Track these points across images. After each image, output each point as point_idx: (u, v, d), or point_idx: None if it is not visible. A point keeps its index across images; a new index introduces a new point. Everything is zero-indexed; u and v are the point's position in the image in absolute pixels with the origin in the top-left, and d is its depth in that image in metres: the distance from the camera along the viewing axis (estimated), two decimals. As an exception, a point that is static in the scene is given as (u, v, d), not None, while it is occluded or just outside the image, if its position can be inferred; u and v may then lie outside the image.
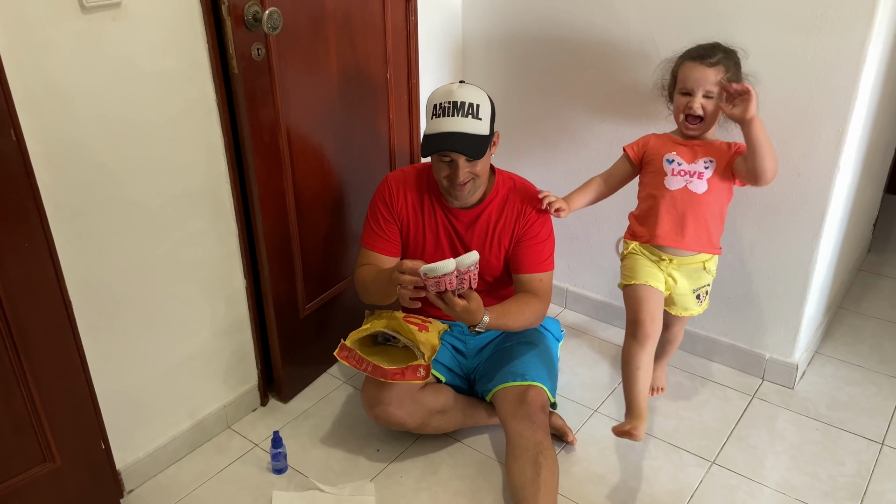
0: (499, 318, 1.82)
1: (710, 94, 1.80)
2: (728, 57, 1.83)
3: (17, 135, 1.40)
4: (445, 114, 1.79)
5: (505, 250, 1.98)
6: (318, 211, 2.16)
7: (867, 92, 1.96)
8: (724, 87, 1.76)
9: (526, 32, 2.42)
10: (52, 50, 1.45)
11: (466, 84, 1.85)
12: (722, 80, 1.79)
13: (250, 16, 1.73)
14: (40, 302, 1.54)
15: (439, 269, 1.64)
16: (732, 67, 1.83)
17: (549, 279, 1.98)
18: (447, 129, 1.78)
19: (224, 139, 1.84)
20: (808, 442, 2.06)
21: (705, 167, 1.88)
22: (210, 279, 1.94)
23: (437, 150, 1.80)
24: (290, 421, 2.17)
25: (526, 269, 1.95)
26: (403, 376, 1.81)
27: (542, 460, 1.77)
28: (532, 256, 1.95)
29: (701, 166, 1.88)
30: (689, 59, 1.84)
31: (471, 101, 1.79)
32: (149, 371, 1.87)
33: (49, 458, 1.67)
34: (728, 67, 1.81)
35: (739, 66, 1.86)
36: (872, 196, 2.80)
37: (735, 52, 1.86)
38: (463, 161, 1.80)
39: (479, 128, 1.80)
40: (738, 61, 1.85)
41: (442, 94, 1.82)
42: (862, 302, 2.73)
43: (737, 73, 1.84)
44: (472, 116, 1.79)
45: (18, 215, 1.45)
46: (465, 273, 1.67)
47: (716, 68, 1.79)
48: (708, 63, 1.79)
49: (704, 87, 1.80)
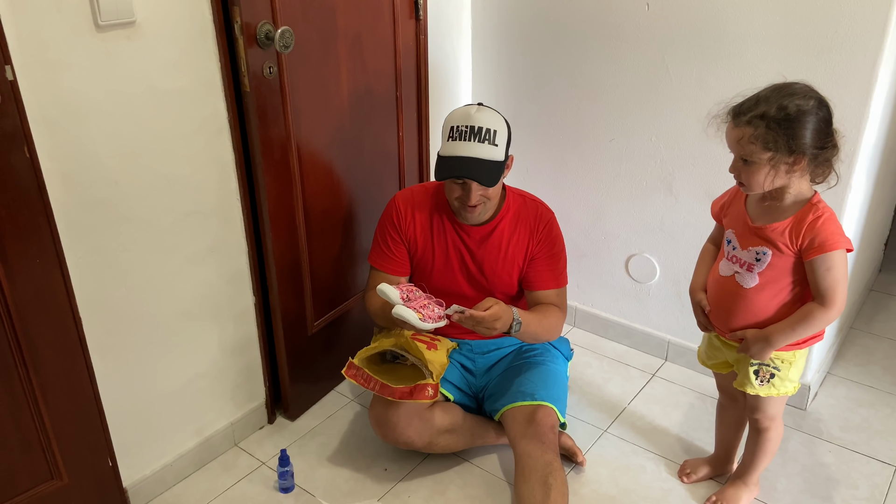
0: (525, 317, 1.83)
1: (747, 159, 1.44)
2: (763, 117, 1.39)
3: (30, 152, 1.41)
4: (462, 138, 1.79)
5: (519, 267, 1.97)
6: (328, 228, 2.16)
7: (878, 112, 1.95)
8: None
9: (535, 54, 2.43)
10: (66, 68, 1.46)
11: (484, 108, 1.84)
12: (747, 150, 1.41)
13: (263, 34, 1.74)
14: (50, 318, 1.54)
15: (403, 316, 1.70)
16: (770, 131, 1.39)
17: (564, 294, 2.00)
18: (463, 154, 1.78)
19: (235, 156, 1.85)
20: (821, 464, 2.03)
21: (757, 258, 1.54)
22: (219, 297, 1.94)
23: (451, 176, 1.80)
24: (298, 439, 2.16)
25: (542, 286, 1.96)
26: (412, 395, 1.81)
27: (552, 481, 1.76)
28: (547, 272, 1.96)
29: (752, 256, 1.55)
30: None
31: (488, 127, 1.79)
32: (157, 388, 1.87)
33: (56, 475, 1.67)
34: (758, 128, 1.39)
35: (794, 130, 1.38)
36: (884, 216, 2.79)
37: (791, 108, 1.38)
38: (476, 185, 1.80)
39: (494, 154, 1.80)
40: (787, 120, 1.38)
41: (459, 117, 1.82)
42: (874, 322, 2.71)
43: (776, 140, 1.39)
44: (489, 143, 1.79)
45: (31, 231, 1.46)
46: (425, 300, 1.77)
47: (741, 129, 1.43)
48: (737, 122, 1.44)
49: (735, 150, 1.47)
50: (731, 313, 1.63)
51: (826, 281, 1.47)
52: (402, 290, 1.76)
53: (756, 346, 1.59)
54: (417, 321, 1.70)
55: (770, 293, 1.56)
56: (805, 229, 1.47)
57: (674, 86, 2.15)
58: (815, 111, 1.40)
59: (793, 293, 1.55)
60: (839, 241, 1.46)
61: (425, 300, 1.78)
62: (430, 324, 1.72)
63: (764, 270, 1.54)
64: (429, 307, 1.75)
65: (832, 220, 1.47)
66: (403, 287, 1.78)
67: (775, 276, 1.54)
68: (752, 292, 1.57)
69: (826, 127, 1.42)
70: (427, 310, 1.74)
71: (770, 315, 1.58)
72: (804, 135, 1.39)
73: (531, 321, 1.86)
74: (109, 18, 1.48)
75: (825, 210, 1.48)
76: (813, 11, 1.85)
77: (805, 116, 1.39)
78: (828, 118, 1.43)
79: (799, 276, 1.53)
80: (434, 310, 1.76)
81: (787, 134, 1.39)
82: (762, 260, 1.53)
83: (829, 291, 1.48)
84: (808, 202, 1.49)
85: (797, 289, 1.55)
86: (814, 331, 1.53)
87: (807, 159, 1.42)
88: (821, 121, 1.41)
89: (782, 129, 1.39)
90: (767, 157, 1.41)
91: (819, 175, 1.47)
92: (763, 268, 1.54)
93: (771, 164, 1.42)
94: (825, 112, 1.42)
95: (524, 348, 2.08)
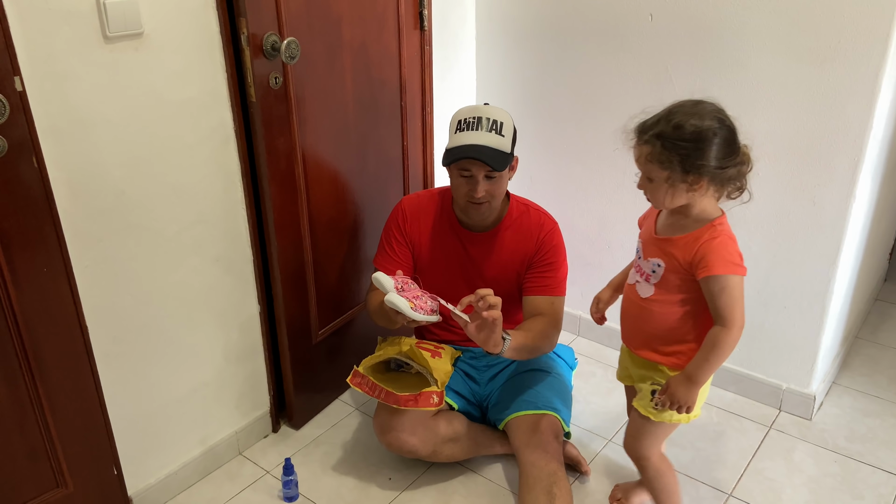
0: (515, 340, 1.78)
1: (648, 177, 1.46)
2: (660, 136, 1.39)
3: (38, 162, 1.42)
4: (469, 128, 1.81)
5: (518, 274, 1.97)
6: (333, 237, 2.17)
7: (882, 121, 1.96)
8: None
9: (538, 64, 2.44)
10: (75, 79, 1.47)
11: (492, 105, 1.87)
12: (646, 169, 1.43)
13: (269, 45, 1.76)
14: (57, 326, 1.55)
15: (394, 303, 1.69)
16: (665, 150, 1.39)
17: (560, 304, 1.97)
18: (470, 142, 1.80)
19: (241, 166, 1.86)
20: (827, 475, 2.03)
21: (653, 270, 1.54)
22: (224, 305, 1.95)
23: (460, 158, 1.79)
24: (302, 448, 2.16)
25: (537, 292, 1.95)
26: (417, 403, 1.81)
27: (556, 490, 1.75)
28: (545, 280, 1.95)
29: (650, 266, 1.55)
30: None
31: (495, 118, 1.82)
32: (162, 397, 1.87)
33: (62, 483, 1.67)
34: (655, 147, 1.40)
35: (689, 151, 1.37)
36: (888, 225, 2.78)
37: (687, 128, 1.37)
38: (482, 176, 1.81)
39: (501, 144, 1.81)
40: (682, 140, 1.37)
41: (467, 111, 1.85)
42: (879, 332, 2.70)
43: (671, 160, 1.38)
44: (496, 132, 1.81)
45: (38, 240, 1.47)
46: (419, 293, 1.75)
47: (641, 147, 1.45)
48: (639, 139, 1.45)
49: (638, 167, 1.48)
50: (630, 321, 1.64)
51: (720, 301, 1.45)
52: (397, 280, 1.75)
53: (680, 388, 1.51)
54: (409, 309, 1.68)
55: (662, 306, 1.54)
56: (698, 248, 1.45)
57: (677, 95, 2.11)
58: (712, 131, 1.37)
59: (683, 310, 1.53)
60: (727, 266, 1.43)
61: (419, 292, 1.77)
62: (421, 314, 1.70)
63: (659, 282, 1.53)
64: (422, 299, 1.74)
65: (725, 245, 1.44)
66: (399, 278, 1.77)
67: (667, 290, 1.53)
68: (647, 302, 1.56)
69: (727, 146, 1.40)
70: (420, 300, 1.73)
71: (662, 329, 1.56)
72: (700, 155, 1.37)
73: (518, 335, 1.80)
74: (118, 30, 1.50)
75: (722, 233, 1.45)
76: (816, 21, 1.86)
77: (701, 136, 1.37)
78: (729, 137, 1.40)
79: (691, 294, 1.50)
80: (427, 302, 1.74)
81: (680, 154, 1.38)
82: (657, 272, 1.53)
83: (725, 312, 1.45)
84: (709, 222, 1.47)
85: (688, 307, 1.52)
86: (725, 354, 1.48)
87: (707, 179, 1.41)
88: (722, 140, 1.38)
89: (677, 149, 1.38)
90: (664, 176, 1.41)
91: (735, 192, 1.46)
92: (658, 280, 1.53)
93: (668, 182, 1.42)
94: (726, 132, 1.39)
95: (528, 357, 2.08)
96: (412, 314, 1.69)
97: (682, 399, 1.52)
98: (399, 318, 1.73)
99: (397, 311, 1.70)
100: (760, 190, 2.10)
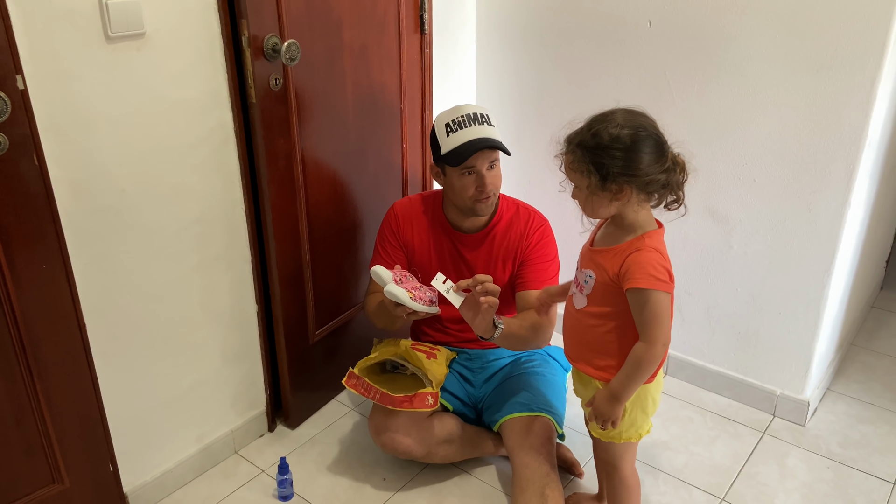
0: (508, 328, 1.78)
1: (576, 185, 1.46)
2: (580, 144, 1.41)
3: (39, 160, 1.44)
4: (464, 125, 1.84)
5: (510, 272, 1.99)
6: (331, 238, 2.18)
7: (878, 129, 1.97)
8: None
9: (538, 68, 2.45)
10: (76, 78, 1.49)
11: (467, 103, 1.92)
12: (570, 177, 1.45)
13: (269, 47, 1.77)
14: (55, 324, 1.56)
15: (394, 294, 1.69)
16: (583, 158, 1.41)
17: None
18: (474, 136, 1.83)
19: (241, 166, 1.87)
20: (820, 480, 2.03)
21: (585, 280, 1.53)
22: (222, 305, 1.96)
23: (475, 151, 1.81)
24: (297, 447, 2.17)
25: (531, 286, 1.95)
26: (412, 404, 1.82)
27: (549, 492, 1.76)
28: (536, 274, 1.96)
29: (583, 277, 1.54)
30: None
31: (481, 112, 1.87)
32: (159, 394, 1.88)
33: (58, 479, 1.68)
34: (575, 155, 1.42)
35: (603, 159, 1.38)
36: (885, 233, 2.79)
37: (604, 136, 1.37)
38: (486, 168, 1.84)
39: (496, 132, 1.87)
40: (599, 147, 1.38)
41: (450, 112, 1.88)
42: (875, 339, 2.71)
43: (588, 168, 1.40)
44: (487, 123, 1.86)
45: (38, 238, 1.48)
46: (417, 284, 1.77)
47: (564, 156, 1.47)
48: (564, 148, 1.47)
49: (566, 176, 1.49)
50: (567, 332, 1.63)
51: (643, 315, 1.43)
52: (396, 273, 1.76)
53: (603, 403, 1.51)
54: (408, 300, 1.70)
55: (593, 318, 1.53)
56: (624, 260, 1.44)
57: (675, 101, 2.17)
58: (630, 138, 1.36)
59: (613, 323, 1.50)
60: (648, 280, 1.41)
61: (417, 284, 1.79)
62: (420, 304, 1.72)
63: (590, 294, 1.51)
64: (421, 289, 1.76)
65: (649, 258, 1.42)
66: (397, 271, 1.78)
67: (598, 302, 1.51)
68: (581, 314, 1.56)
69: (651, 154, 1.38)
70: (419, 291, 1.75)
71: (594, 342, 1.55)
72: (617, 163, 1.36)
73: (511, 323, 1.82)
74: (119, 30, 1.51)
75: (648, 246, 1.43)
76: (813, 29, 1.87)
77: (619, 144, 1.36)
78: (656, 145, 1.39)
79: (619, 307, 1.48)
80: (426, 293, 1.76)
81: (594, 162, 1.38)
82: (588, 283, 1.51)
83: (646, 327, 1.43)
84: (638, 234, 1.45)
85: (617, 321, 1.50)
86: (647, 370, 1.45)
87: (631, 188, 1.39)
88: (644, 147, 1.37)
89: (595, 157, 1.38)
90: (585, 184, 1.41)
91: (673, 203, 1.46)
92: (590, 291, 1.51)
93: (589, 190, 1.41)
94: (649, 139, 1.38)
95: (522, 358, 2.09)
96: (412, 304, 1.70)
97: (605, 414, 1.52)
98: (399, 310, 1.74)
99: (397, 304, 1.71)
100: (756, 196, 2.11)
